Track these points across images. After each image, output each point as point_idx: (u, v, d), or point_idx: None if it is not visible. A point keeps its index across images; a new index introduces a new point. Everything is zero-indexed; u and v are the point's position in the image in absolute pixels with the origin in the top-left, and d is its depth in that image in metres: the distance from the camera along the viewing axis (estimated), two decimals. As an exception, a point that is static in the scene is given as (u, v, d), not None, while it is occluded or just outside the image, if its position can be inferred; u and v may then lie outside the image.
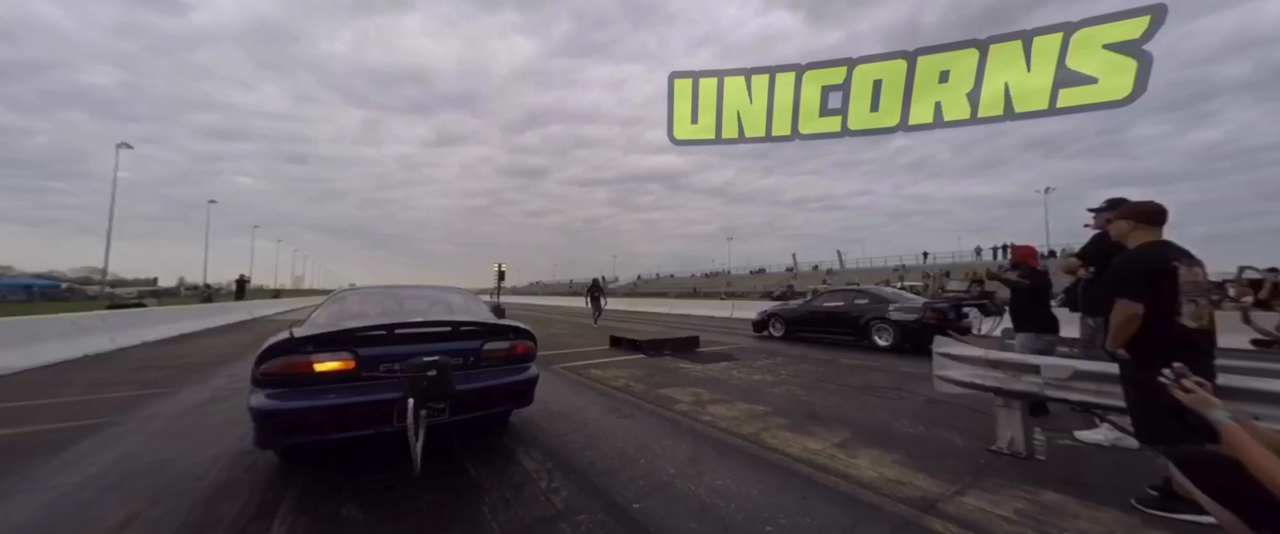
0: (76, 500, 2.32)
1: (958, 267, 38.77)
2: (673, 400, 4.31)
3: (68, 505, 2.27)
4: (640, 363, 6.53)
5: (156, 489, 2.44)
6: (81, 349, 7.27)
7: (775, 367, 6.22)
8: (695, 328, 12.52)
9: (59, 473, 2.66)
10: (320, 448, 2.85)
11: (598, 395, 4.60)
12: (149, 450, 3.05)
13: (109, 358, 7.19)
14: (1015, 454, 2.82)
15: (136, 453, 3.00)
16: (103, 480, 2.56)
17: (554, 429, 3.48)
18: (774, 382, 5.20)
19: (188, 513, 2.18)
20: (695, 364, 6.39)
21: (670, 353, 7.39)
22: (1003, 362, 2.90)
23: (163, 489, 2.44)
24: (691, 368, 6.10)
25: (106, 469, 2.72)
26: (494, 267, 19.33)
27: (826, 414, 3.83)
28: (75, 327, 7.64)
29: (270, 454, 2.89)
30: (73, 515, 2.17)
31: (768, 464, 2.75)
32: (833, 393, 4.63)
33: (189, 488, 2.45)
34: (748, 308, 17.79)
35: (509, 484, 2.50)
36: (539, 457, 2.90)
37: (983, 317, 8.89)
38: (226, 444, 3.14)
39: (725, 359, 6.87)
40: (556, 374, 5.79)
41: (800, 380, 5.27)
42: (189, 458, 2.89)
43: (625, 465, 2.73)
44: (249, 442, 2.47)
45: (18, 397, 4.57)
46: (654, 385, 4.99)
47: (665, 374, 5.67)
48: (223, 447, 3.09)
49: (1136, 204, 2.28)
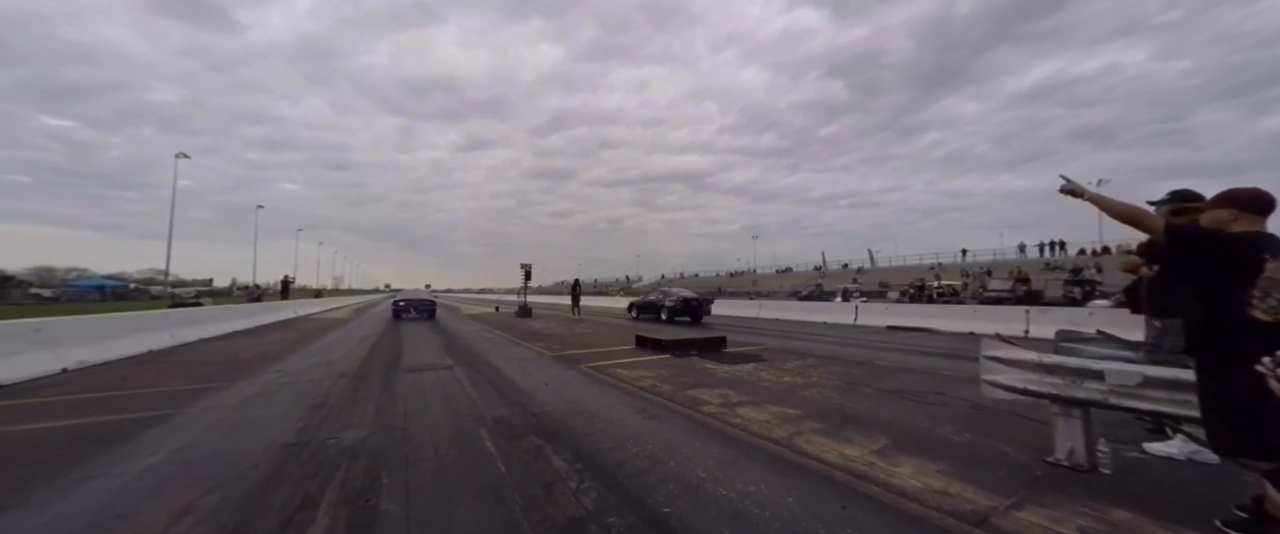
0: (143, 486, 2.48)
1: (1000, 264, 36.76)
2: (701, 402, 4.24)
3: (136, 490, 2.42)
4: (666, 363, 6.48)
5: (213, 477, 2.57)
6: (146, 345, 7.82)
7: (805, 368, 6.04)
8: (722, 328, 12.35)
9: (129, 460, 2.85)
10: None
11: (624, 396, 4.59)
12: (206, 440, 3.23)
13: (170, 353, 7.71)
14: (1076, 466, 2.62)
15: (196, 442, 3.18)
16: (167, 467, 2.73)
17: (582, 429, 3.48)
18: (805, 384, 5.05)
19: (241, 501, 2.29)
20: (722, 365, 6.29)
21: (697, 353, 7.30)
22: (1060, 366, 2.70)
23: (219, 477, 2.57)
24: (719, 369, 6.01)
25: (169, 457, 2.90)
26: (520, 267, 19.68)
27: (863, 419, 3.67)
28: (141, 324, 8.24)
29: (313, 448, 3.02)
30: (140, 499, 2.31)
31: (803, 470, 2.66)
32: (868, 396, 4.45)
33: (242, 477, 2.58)
34: (775, 308, 17.45)
35: (539, 482, 2.51)
36: (567, 456, 2.90)
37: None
38: (275, 436, 3.29)
39: (753, 360, 6.73)
40: (582, 374, 5.82)
41: (832, 383, 5.09)
42: (242, 449, 3.04)
43: (655, 467, 2.69)
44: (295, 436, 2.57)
45: (95, 388, 4.95)
46: (681, 386, 4.93)
47: (692, 375, 5.60)
48: (272, 439, 3.24)
49: (1241, 190, 2.00)
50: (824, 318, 14.64)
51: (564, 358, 7.17)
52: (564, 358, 7.17)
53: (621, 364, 6.44)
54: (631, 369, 6.02)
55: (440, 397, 4.55)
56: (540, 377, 5.65)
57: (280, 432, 3.40)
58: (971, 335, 10.21)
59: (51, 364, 5.75)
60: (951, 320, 11.61)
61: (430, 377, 5.61)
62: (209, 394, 4.66)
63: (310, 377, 5.61)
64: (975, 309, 12.38)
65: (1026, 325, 10.12)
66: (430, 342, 9.52)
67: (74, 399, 4.48)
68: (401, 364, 6.55)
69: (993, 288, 21.56)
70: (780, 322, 14.96)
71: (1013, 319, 10.37)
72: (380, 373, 5.87)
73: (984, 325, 10.59)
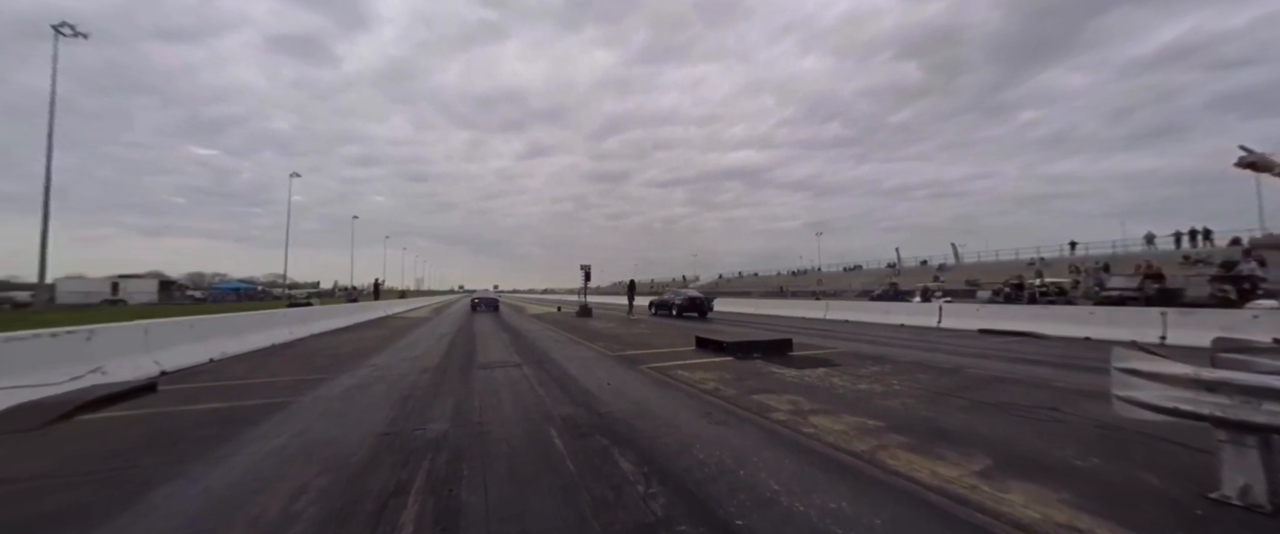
0: (271, 464, 2.84)
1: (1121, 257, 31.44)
2: (768, 408, 4.05)
3: (265, 468, 2.78)
4: (728, 366, 6.30)
5: (324, 461, 2.89)
6: (270, 339, 9.09)
7: (884, 375, 5.57)
8: (785, 330, 11.82)
9: (259, 441, 3.30)
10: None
11: (687, 398, 4.51)
12: (317, 427, 3.65)
13: (288, 346, 8.89)
14: (1253, 507, 2.13)
15: (309, 428, 3.61)
16: (287, 449, 3.12)
17: (646, 430, 3.46)
18: (885, 392, 4.64)
19: (346, 484, 2.54)
20: (789, 369, 5.99)
21: (760, 356, 7.03)
22: (1227, 383, 2.21)
23: (328, 461, 2.88)
24: (786, 373, 5.72)
25: (289, 441, 3.31)
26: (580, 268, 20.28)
27: (957, 434, 3.29)
28: (267, 321, 9.59)
29: (403, 438, 3.29)
30: (268, 477, 2.65)
31: (890, 489, 2.42)
32: (962, 408, 3.99)
33: (346, 462, 2.86)
34: (844, 309, 16.38)
35: (607, 483, 2.52)
36: (633, 458, 2.89)
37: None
38: (372, 426, 3.63)
39: (823, 365, 6.33)
40: (642, 374, 5.82)
41: (917, 392, 4.63)
42: (345, 436, 3.40)
43: (723, 476, 2.60)
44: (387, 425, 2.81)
45: (234, 376, 5.83)
46: (746, 390, 4.76)
47: (757, 379, 5.38)
48: (369, 428, 3.58)
49: None
50: (901, 320, 13.48)
51: (625, 358, 7.24)
52: (625, 358, 7.24)
53: (682, 366, 6.36)
54: (693, 371, 5.92)
55: (511, 394, 4.77)
56: (603, 376, 5.74)
57: (376, 421, 3.76)
58: (1088, 342, 8.85)
59: (202, 355, 6.86)
60: (1060, 324, 10.14)
61: (501, 374, 5.92)
62: (318, 385, 5.28)
63: (399, 371, 6.16)
64: (1092, 311, 10.70)
65: (1162, 331, 8.57)
66: (499, 340, 10.08)
67: (220, 385, 5.29)
68: (476, 361, 6.99)
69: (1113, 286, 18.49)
70: (851, 324, 14.01)
71: (1144, 323, 8.82)
72: (457, 369, 6.30)
73: (1104, 330, 9.13)
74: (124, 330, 5.67)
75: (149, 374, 5.53)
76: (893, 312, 14.34)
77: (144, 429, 3.61)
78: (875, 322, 13.95)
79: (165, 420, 3.84)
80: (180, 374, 5.90)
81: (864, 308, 16.08)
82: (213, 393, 4.90)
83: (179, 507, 2.30)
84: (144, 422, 3.81)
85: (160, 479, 2.61)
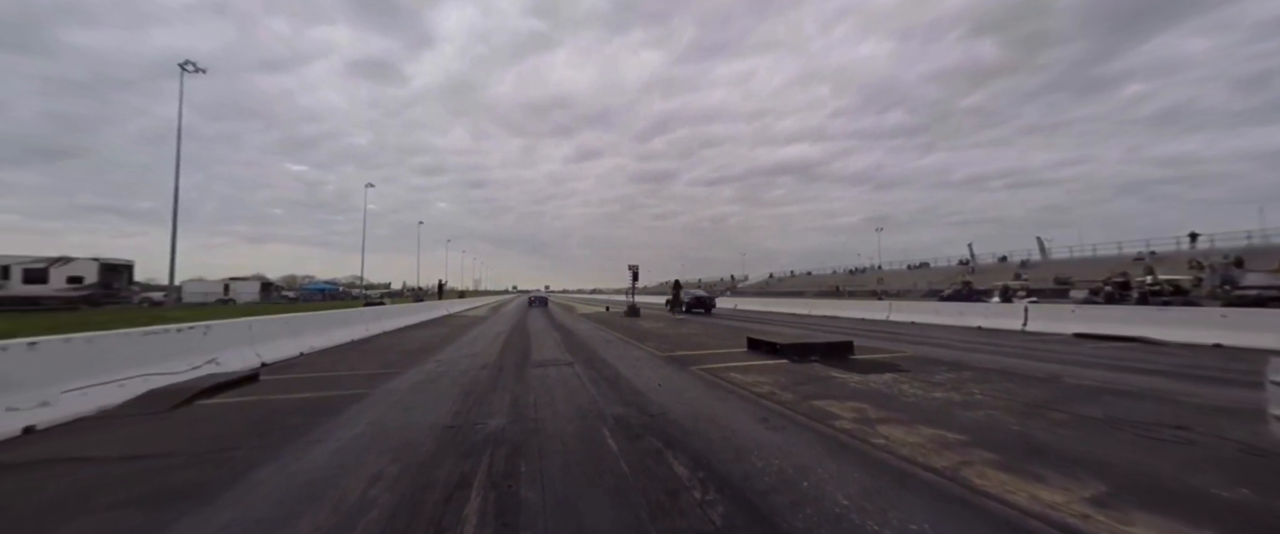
0: (350, 451, 3.07)
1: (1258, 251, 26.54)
2: (830, 415, 3.80)
3: (344, 456, 3.01)
4: (783, 369, 6.03)
5: (395, 451, 3.08)
6: (350, 336, 9.96)
7: (962, 383, 5.06)
8: (844, 333, 11.19)
9: (341, 429, 3.59)
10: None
11: (741, 402, 4.35)
12: (389, 418, 3.92)
13: (365, 342, 9.69)
14: None
15: (382, 419, 3.88)
16: (364, 438, 3.36)
17: (699, 433, 3.37)
18: (965, 402, 4.21)
19: (415, 473, 2.68)
20: (851, 374, 5.61)
21: (818, 359, 6.66)
22: None
23: (399, 452, 3.06)
24: (848, 378, 5.37)
25: (366, 430, 3.57)
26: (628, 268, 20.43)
27: (1058, 453, 2.89)
28: (348, 319, 10.53)
29: (466, 431, 3.44)
30: (347, 464, 2.86)
31: (981, 512, 2.16)
32: (1062, 423, 3.52)
33: (414, 452, 3.03)
34: (910, 310, 15.22)
35: (662, 488, 2.46)
36: (687, 463, 2.81)
37: None
38: (436, 418, 3.84)
39: (890, 370, 5.88)
40: (693, 376, 5.71)
41: (1004, 403, 4.15)
42: (413, 427, 3.61)
43: (786, 487, 2.45)
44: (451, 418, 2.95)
45: (321, 369, 6.43)
46: (804, 396, 4.51)
47: (815, 384, 5.09)
48: (434, 420, 3.78)
49: None
50: (978, 322, 12.27)
51: (675, 359, 7.16)
52: (675, 359, 7.16)
53: (734, 367, 6.17)
54: (746, 373, 5.72)
55: (564, 392, 4.86)
56: (653, 377, 5.69)
57: (441, 414, 3.96)
58: (1218, 349, 7.56)
59: (294, 349, 7.63)
60: (1180, 328, 8.73)
61: (554, 372, 6.05)
62: (390, 378, 5.68)
63: (461, 367, 6.50)
64: (1223, 313, 9.11)
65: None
66: (551, 339, 10.37)
67: (308, 377, 5.86)
68: (530, 359, 7.22)
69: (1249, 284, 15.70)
70: (918, 326, 12.97)
71: (1296, 328, 7.37)
72: (513, 366, 6.54)
73: (1240, 337, 7.76)
74: (232, 326, 6.43)
75: (252, 365, 6.23)
76: (967, 313, 13.09)
77: (247, 415, 4.05)
78: (947, 324, 12.81)
79: (264, 407, 4.29)
80: (277, 366, 6.60)
81: (933, 309, 14.82)
82: (303, 384, 5.42)
83: (275, 487, 2.53)
84: (247, 408, 4.28)
85: (261, 462, 2.90)
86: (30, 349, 3.68)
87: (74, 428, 3.59)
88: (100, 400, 4.07)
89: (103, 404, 4.05)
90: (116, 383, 4.32)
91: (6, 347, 3.53)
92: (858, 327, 13.06)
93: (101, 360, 4.31)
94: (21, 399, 3.52)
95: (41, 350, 3.77)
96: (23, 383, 3.58)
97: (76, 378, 3.99)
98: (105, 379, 4.25)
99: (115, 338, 4.55)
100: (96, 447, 3.18)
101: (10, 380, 3.51)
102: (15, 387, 3.52)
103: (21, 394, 3.54)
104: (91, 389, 4.06)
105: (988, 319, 12.36)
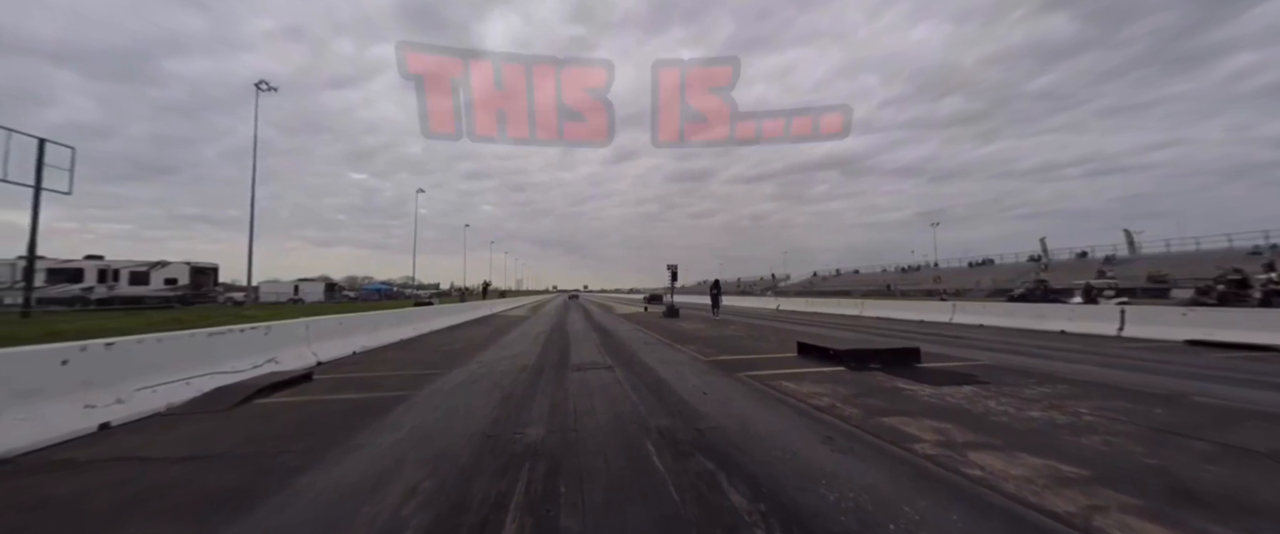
0: (391, 457, 2.98)
1: None
2: (906, 436, 3.32)
3: (384, 462, 2.93)
4: (840, 377, 5.51)
5: (433, 461, 2.96)
6: (399, 335, 10.30)
7: (1060, 399, 4.36)
8: (903, 336, 10.36)
9: (384, 432, 3.54)
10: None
11: (797, 416, 3.94)
12: (431, 421, 3.84)
13: (412, 342, 9.98)
14: None
15: (423, 423, 3.81)
16: (403, 444, 3.27)
17: (755, 455, 3.01)
18: (1071, 425, 3.57)
19: (452, 487, 2.53)
20: (921, 385, 5.02)
21: (880, 367, 6.06)
22: None
23: (437, 462, 2.94)
24: (919, 390, 4.79)
25: (407, 435, 3.50)
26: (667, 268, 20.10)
27: (1217, 497, 2.30)
28: (397, 319, 10.92)
29: (504, 442, 3.27)
30: (386, 471, 2.76)
31: (1134, 580, 1.69)
32: (1209, 456, 2.86)
33: (452, 464, 2.89)
34: (977, 311, 13.90)
35: (719, 523, 2.15)
36: (745, 491, 2.48)
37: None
38: (476, 425, 3.72)
39: (968, 381, 5.22)
40: (741, 384, 5.32)
41: (1123, 427, 3.49)
42: (452, 434, 3.50)
43: (869, 529, 2.06)
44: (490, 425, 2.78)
45: (369, 368, 6.60)
46: (870, 411, 4.03)
47: (882, 396, 4.57)
48: (474, 427, 3.67)
49: None
50: (1061, 326, 10.94)
51: (719, 364, 6.78)
52: (719, 364, 6.78)
53: (785, 375, 5.71)
54: (799, 382, 5.26)
55: (604, 399, 4.63)
56: (697, 383, 5.37)
57: (480, 421, 3.84)
58: (1393, 362, 6.21)
59: (347, 349, 7.93)
60: (1333, 335, 7.28)
61: (593, 376, 5.86)
62: (434, 379, 5.70)
63: (501, 369, 6.45)
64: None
65: None
66: (589, 340, 10.25)
67: (358, 377, 6.00)
68: (569, 362, 7.08)
69: None
70: (987, 329, 11.77)
71: None
72: (552, 369, 6.42)
73: None
74: (291, 327, 6.73)
75: (308, 364, 6.49)
76: (1048, 316, 11.72)
77: (298, 415, 4.12)
78: (1023, 327, 11.53)
79: (315, 408, 4.36)
80: (331, 365, 6.85)
81: (1004, 311, 13.43)
82: (353, 384, 5.54)
83: (318, 493, 2.46)
84: (298, 408, 4.37)
85: (307, 465, 2.86)
86: (107, 349, 3.90)
87: (143, 425, 3.77)
88: (169, 397, 4.28)
89: (171, 401, 4.26)
90: (183, 380, 4.54)
91: (86, 347, 3.75)
92: (918, 330, 12.04)
93: (171, 359, 4.55)
94: (100, 397, 3.73)
95: (118, 350, 4.00)
96: (102, 381, 3.79)
97: (148, 376, 4.21)
98: (174, 378, 4.48)
99: (184, 338, 4.81)
100: (158, 446, 3.29)
101: (91, 379, 3.72)
102: (95, 385, 3.73)
103: (100, 392, 3.75)
104: (161, 387, 4.28)
105: (1073, 322, 10.99)
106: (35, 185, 18.99)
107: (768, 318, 17.91)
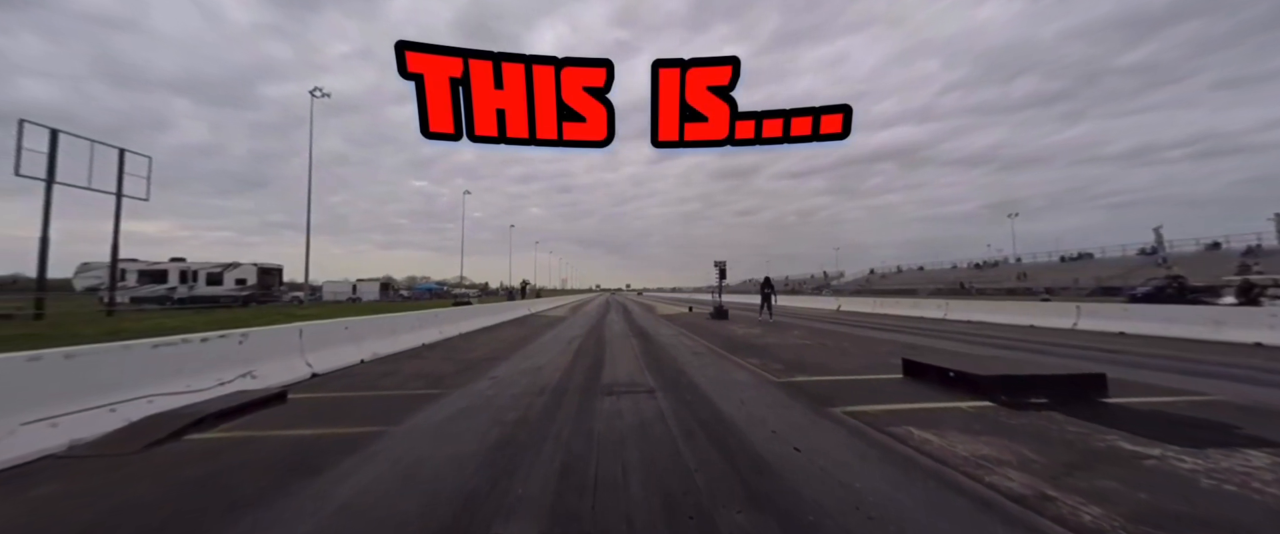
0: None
1: None
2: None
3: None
4: (1000, 422, 3.68)
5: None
6: (421, 340, 9.38)
7: None
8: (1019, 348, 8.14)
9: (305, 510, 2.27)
10: None
11: (953, 497, 2.27)
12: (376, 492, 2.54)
13: (432, 348, 9.02)
14: None
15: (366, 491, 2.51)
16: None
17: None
18: None
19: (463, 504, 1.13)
20: (1146, 441, 3.10)
21: (1049, 403, 4.12)
22: None
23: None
24: (1145, 453, 2.90)
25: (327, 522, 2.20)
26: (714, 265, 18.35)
27: None
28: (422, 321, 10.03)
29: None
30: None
31: None
32: None
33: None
34: (1110, 316, 11.09)
35: None
36: None
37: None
38: (439, 507, 2.36)
39: (1211, 430, 3.22)
40: (842, 428, 3.63)
41: None
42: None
43: None
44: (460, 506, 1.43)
45: (361, 386, 5.53)
46: (1091, 497, 2.27)
47: (1087, 458, 2.76)
48: (435, 513, 2.31)
49: None
50: (1255, 336, 8.15)
51: (795, 387, 5.11)
52: (795, 387, 5.11)
53: (906, 412, 3.95)
54: (940, 431, 3.48)
55: (640, 453, 3.14)
56: (771, 421, 3.77)
57: (447, 497, 2.48)
58: None
59: (354, 356, 6.99)
60: None
61: (629, 406, 4.39)
62: (425, 405, 4.45)
63: (514, 390, 5.15)
64: None
65: None
66: (628, 348, 8.81)
67: (341, 397, 4.92)
68: (600, 381, 5.66)
69: None
70: (1135, 339, 9.09)
71: None
72: (577, 391, 5.03)
73: None
74: (280, 333, 5.84)
75: (296, 377, 5.53)
76: (1227, 323, 8.86)
77: (216, 464, 2.96)
78: (1189, 337, 8.79)
79: (248, 452, 3.20)
80: (325, 377, 5.86)
81: (1144, 315, 10.51)
82: (326, 409, 4.43)
83: None
84: (229, 450, 3.23)
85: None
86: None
87: (6, 480, 2.74)
88: (78, 431, 3.28)
89: (79, 436, 3.26)
90: (108, 407, 3.56)
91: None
92: (1033, 338, 9.58)
93: (97, 379, 3.59)
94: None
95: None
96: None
97: (52, 405, 3.24)
98: (96, 402, 3.50)
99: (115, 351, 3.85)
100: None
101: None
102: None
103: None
104: (68, 417, 3.29)
105: (1249, 331, 8.18)
106: (117, 193, 20.49)
107: (830, 321, 15.70)
